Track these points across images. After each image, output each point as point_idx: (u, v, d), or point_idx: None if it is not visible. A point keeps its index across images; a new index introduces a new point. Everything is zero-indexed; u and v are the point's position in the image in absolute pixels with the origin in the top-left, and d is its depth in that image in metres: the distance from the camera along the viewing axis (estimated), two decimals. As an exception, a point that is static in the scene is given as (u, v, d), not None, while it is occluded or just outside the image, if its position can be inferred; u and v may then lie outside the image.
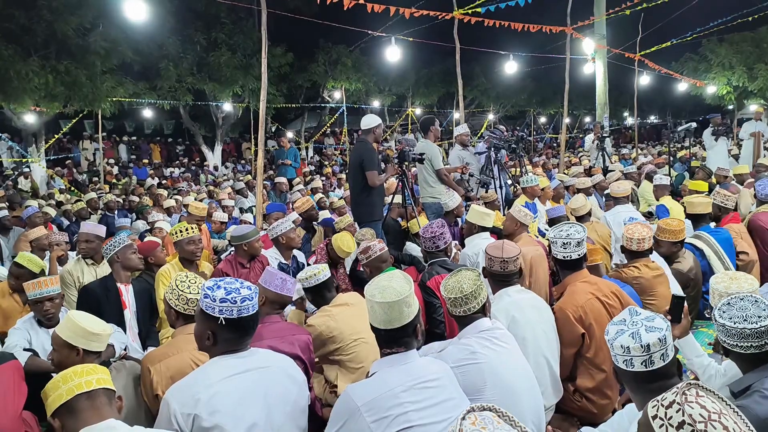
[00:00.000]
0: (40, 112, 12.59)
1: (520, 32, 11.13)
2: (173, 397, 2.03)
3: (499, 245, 3.08)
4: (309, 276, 3.24)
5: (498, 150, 7.37)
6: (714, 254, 4.29)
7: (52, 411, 1.78)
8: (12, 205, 9.65)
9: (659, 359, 1.84)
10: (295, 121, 22.86)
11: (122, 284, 3.96)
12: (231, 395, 2.03)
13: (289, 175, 12.32)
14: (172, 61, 14.89)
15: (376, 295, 2.12)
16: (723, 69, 18.31)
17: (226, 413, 1.99)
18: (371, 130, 5.54)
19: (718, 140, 10.41)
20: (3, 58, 9.58)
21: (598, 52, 14.81)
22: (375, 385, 2.05)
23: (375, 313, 2.13)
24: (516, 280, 3.05)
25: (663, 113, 30.60)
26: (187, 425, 1.97)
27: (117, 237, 4.09)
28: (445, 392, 2.11)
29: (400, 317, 2.11)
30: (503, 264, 3.00)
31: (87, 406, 1.76)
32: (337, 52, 18.69)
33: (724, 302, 2.01)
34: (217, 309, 2.08)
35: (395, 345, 2.14)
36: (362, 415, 1.96)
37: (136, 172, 16.55)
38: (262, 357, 2.21)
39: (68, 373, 1.80)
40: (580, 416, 2.96)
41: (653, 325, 1.88)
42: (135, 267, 4.12)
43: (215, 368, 2.11)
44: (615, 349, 1.89)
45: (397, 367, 2.09)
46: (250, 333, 2.19)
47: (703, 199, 4.82)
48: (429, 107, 23.84)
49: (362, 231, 4.87)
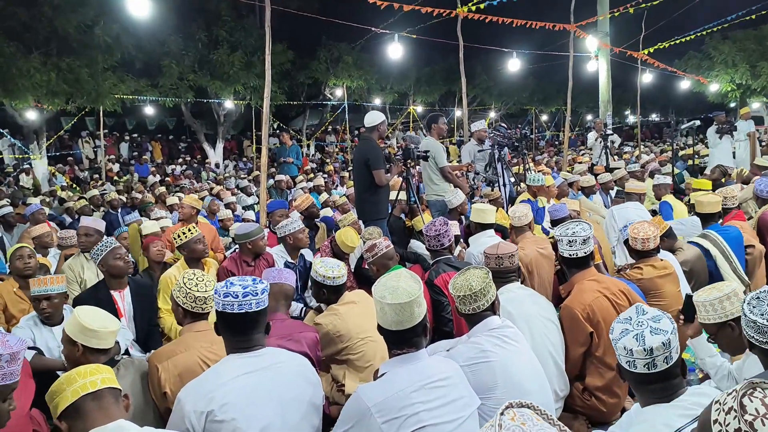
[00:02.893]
0: (41, 109, 12.58)
1: (522, 30, 11.10)
2: (186, 398, 2.03)
3: (495, 244, 3.16)
4: (337, 276, 3.23)
5: (501, 148, 7.35)
6: (720, 254, 4.26)
7: (59, 414, 1.75)
8: (14, 202, 9.65)
9: (662, 362, 1.82)
10: (296, 119, 22.83)
11: (116, 291, 3.77)
12: (243, 394, 2.02)
13: (292, 173, 12.29)
14: (174, 59, 14.88)
15: (386, 296, 2.10)
16: (726, 67, 18.28)
17: (240, 411, 1.99)
18: (375, 127, 5.51)
19: (722, 138, 10.36)
20: (5, 55, 9.58)
21: (602, 49, 14.77)
22: (385, 386, 2.04)
23: (385, 315, 2.11)
24: (514, 278, 3.09)
25: (665, 111, 30.58)
26: (200, 424, 1.97)
27: (103, 241, 3.82)
28: (456, 391, 2.11)
29: (411, 318, 2.10)
30: (498, 260, 3.08)
31: (93, 407, 1.74)
32: (339, 49, 18.66)
33: (753, 296, 1.95)
34: (220, 304, 2.12)
35: (405, 346, 2.13)
36: (373, 416, 1.96)
37: (138, 170, 16.53)
38: (275, 356, 2.20)
39: (72, 375, 1.78)
40: (589, 415, 2.94)
41: (659, 327, 1.86)
42: (122, 273, 3.79)
43: (227, 367, 2.11)
44: (618, 349, 1.88)
45: (407, 367, 2.09)
46: (254, 329, 2.16)
47: (712, 198, 4.76)
48: (430, 105, 23.80)
49: (369, 230, 4.85)
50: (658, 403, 1.84)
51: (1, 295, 3.98)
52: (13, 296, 4.00)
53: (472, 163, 7.63)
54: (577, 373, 3.00)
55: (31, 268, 4.08)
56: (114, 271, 3.75)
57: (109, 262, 3.73)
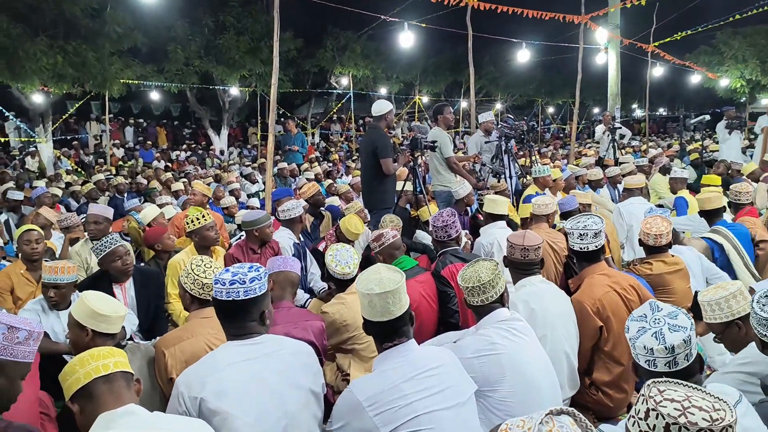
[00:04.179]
0: (47, 93, 12.54)
1: (530, 21, 11.00)
2: (181, 381, 2.04)
3: (521, 233, 3.07)
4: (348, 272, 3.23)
5: (508, 139, 7.30)
6: (733, 249, 4.22)
7: (70, 395, 1.75)
8: (19, 184, 9.66)
9: (683, 360, 1.80)
10: (301, 107, 22.74)
11: (118, 285, 3.72)
12: (239, 381, 2.01)
13: (297, 161, 12.26)
14: (180, 44, 14.80)
15: (374, 288, 2.10)
16: (736, 62, 18.11)
17: (233, 398, 1.98)
18: (383, 116, 5.48)
19: (731, 134, 10.27)
20: (11, 37, 9.52)
21: (612, 42, 14.63)
22: (376, 380, 2.05)
23: (374, 307, 2.10)
24: (537, 270, 3.01)
25: (672, 105, 30.35)
26: (194, 408, 1.97)
27: (103, 240, 3.66)
28: (450, 378, 2.11)
29: (400, 306, 2.12)
30: (524, 252, 2.98)
31: (105, 390, 1.73)
32: (345, 37, 18.54)
33: (762, 294, 1.94)
34: (213, 290, 2.15)
35: (396, 336, 2.13)
36: (365, 409, 1.96)
37: (143, 155, 16.51)
38: (274, 343, 2.19)
39: (85, 357, 1.78)
40: (595, 410, 2.93)
41: (677, 324, 1.83)
42: (120, 274, 3.68)
43: (224, 354, 2.10)
44: (637, 348, 1.85)
45: (398, 360, 2.09)
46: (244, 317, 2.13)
47: (712, 194, 4.69)
48: (436, 95, 23.67)
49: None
50: None
51: (9, 276, 3.98)
52: (21, 278, 4.00)
53: (479, 154, 7.58)
54: (585, 367, 2.98)
55: (39, 253, 4.08)
56: (112, 272, 3.66)
57: (106, 265, 3.64)
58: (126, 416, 1.69)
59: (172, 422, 1.79)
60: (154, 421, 1.74)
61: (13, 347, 1.82)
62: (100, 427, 1.66)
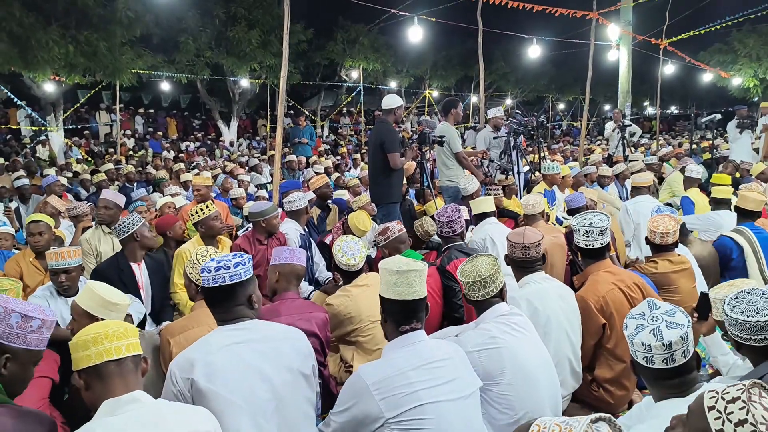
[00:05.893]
0: (59, 82, 12.61)
1: (542, 17, 10.95)
2: (174, 363, 2.10)
3: (521, 231, 3.05)
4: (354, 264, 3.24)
5: (517, 135, 7.28)
6: (752, 252, 4.15)
7: (78, 369, 1.77)
8: (29, 171, 9.74)
9: (681, 356, 1.81)
10: (311, 100, 22.74)
11: (135, 263, 3.87)
12: (228, 363, 2.05)
13: (306, 154, 12.29)
14: (191, 35, 14.83)
15: (402, 266, 2.16)
16: (750, 61, 17.90)
17: (223, 380, 2.01)
18: (392, 110, 5.49)
19: (742, 133, 10.17)
20: (24, 26, 9.56)
21: (623, 38, 14.51)
22: (384, 366, 2.09)
23: (399, 286, 2.14)
24: (540, 267, 3.01)
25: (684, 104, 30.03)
26: (187, 388, 2.02)
27: (131, 216, 3.90)
28: (456, 371, 2.15)
29: (422, 287, 2.18)
30: (524, 250, 2.97)
31: (114, 372, 1.75)
32: (356, 30, 18.50)
33: (731, 296, 1.98)
34: (201, 280, 2.23)
35: (414, 319, 2.18)
36: (371, 393, 2.00)
37: (152, 145, 16.59)
38: (264, 328, 2.24)
39: (100, 335, 1.76)
40: (596, 406, 2.94)
41: (674, 321, 1.84)
42: (153, 245, 4.02)
43: (216, 337, 2.15)
44: (635, 345, 1.87)
45: (407, 349, 2.13)
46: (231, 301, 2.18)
47: (758, 197, 4.51)
48: (446, 90, 23.59)
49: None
50: (673, 398, 1.83)
51: (19, 264, 4.03)
52: (30, 266, 4.05)
53: (487, 150, 7.57)
54: (587, 364, 2.99)
55: (41, 246, 4.09)
56: (147, 242, 3.91)
57: (144, 233, 3.87)
58: (131, 403, 1.71)
59: (177, 410, 1.81)
60: (158, 408, 1.76)
61: (27, 335, 1.84)
62: (105, 414, 1.69)
